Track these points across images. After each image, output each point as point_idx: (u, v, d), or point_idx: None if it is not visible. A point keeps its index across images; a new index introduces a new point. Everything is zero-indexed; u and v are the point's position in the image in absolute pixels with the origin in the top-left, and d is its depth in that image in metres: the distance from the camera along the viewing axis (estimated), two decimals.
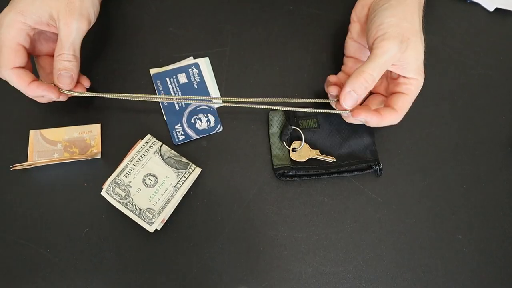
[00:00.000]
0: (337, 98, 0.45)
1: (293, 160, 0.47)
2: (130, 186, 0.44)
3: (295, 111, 0.49)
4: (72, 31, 0.43)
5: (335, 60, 0.53)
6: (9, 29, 0.41)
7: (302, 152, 0.48)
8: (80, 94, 0.46)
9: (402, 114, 0.45)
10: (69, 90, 0.45)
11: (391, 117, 0.44)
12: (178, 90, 0.51)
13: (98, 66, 0.52)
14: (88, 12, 0.44)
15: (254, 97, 0.48)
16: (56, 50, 0.43)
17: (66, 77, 0.44)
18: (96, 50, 0.52)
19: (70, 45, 0.43)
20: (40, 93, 0.43)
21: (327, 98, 0.47)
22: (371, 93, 0.48)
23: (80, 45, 0.44)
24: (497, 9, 0.58)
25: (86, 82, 0.47)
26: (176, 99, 0.49)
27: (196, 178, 0.46)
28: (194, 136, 0.49)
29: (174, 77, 0.51)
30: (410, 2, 0.44)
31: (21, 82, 0.42)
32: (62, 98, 0.46)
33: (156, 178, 0.45)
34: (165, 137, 0.48)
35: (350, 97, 0.43)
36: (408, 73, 0.44)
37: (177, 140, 0.48)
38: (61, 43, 0.43)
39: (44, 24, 0.43)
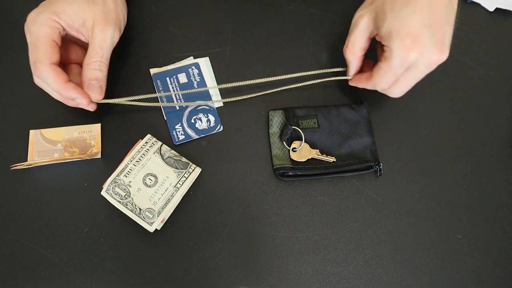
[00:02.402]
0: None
1: (293, 160, 0.47)
2: (130, 186, 0.44)
3: (295, 110, 0.49)
4: (106, 39, 0.42)
5: (335, 60, 0.53)
6: (43, 26, 0.41)
7: (302, 152, 0.48)
8: (109, 101, 0.45)
9: (374, 82, 0.44)
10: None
11: (363, 82, 0.46)
12: (178, 90, 0.51)
13: None
14: (121, 24, 0.44)
15: (254, 96, 0.48)
16: (86, 57, 0.43)
17: (96, 87, 0.43)
18: None
19: (102, 52, 0.43)
20: (74, 95, 0.42)
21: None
22: None
23: (109, 56, 0.44)
24: (497, 9, 0.58)
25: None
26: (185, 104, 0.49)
27: (196, 178, 0.47)
28: (194, 136, 0.49)
29: (174, 77, 0.51)
30: None
31: (58, 80, 0.41)
32: (91, 108, 0.45)
33: (156, 178, 0.45)
34: (165, 137, 0.48)
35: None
36: (381, 37, 0.42)
37: (177, 140, 0.48)
38: (94, 49, 0.42)
39: (75, 29, 0.42)
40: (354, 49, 0.45)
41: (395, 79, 0.43)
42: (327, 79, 0.50)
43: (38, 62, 0.40)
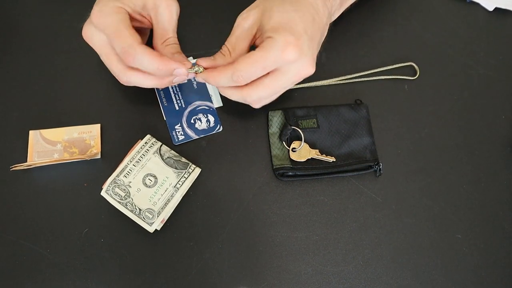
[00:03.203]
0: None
1: (293, 160, 0.47)
2: (130, 186, 0.44)
3: (295, 110, 0.49)
4: (173, 14, 0.42)
5: (335, 59, 0.53)
6: (115, 15, 0.39)
7: (301, 152, 0.48)
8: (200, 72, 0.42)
9: (235, 69, 0.38)
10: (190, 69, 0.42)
11: (217, 73, 0.40)
12: (178, 90, 0.51)
13: (99, 65, 0.52)
14: None
15: None
16: (157, 37, 0.42)
17: (182, 57, 0.42)
18: None
19: (172, 28, 0.42)
20: (174, 66, 0.39)
21: None
22: None
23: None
24: (496, 9, 0.58)
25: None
26: None
27: (196, 178, 0.47)
28: (194, 136, 0.49)
29: None
30: None
31: (155, 56, 0.39)
32: (189, 76, 0.42)
33: (156, 178, 0.45)
34: (165, 137, 0.48)
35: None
36: (265, 31, 0.39)
37: (177, 140, 0.48)
38: (164, 28, 0.41)
39: (138, 13, 0.41)
40: (235, 53, 0.41)
41: (259, 76, 0.39)
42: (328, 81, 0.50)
43: (128, 48, 0.38)
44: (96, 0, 0.42)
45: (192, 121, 0.49)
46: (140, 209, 0.43)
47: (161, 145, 0.46)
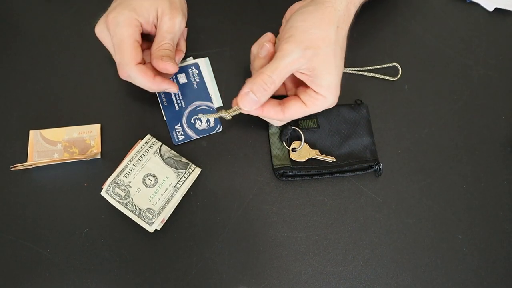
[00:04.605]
0: None
1: (293, 160, 0.47)
2: (130, 186, 0.44)
3: None
4: (175, 25, 0.43)
5: None
6: (127, 27, 0.41)
7: (302, 152, 0.48)
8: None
9: (287, 120, 0.44)
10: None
11: (274, 115, 0.43)
12: (178, 90, 0.50)
13: (99, 65, 0.52)
14: (185, 12, 0.45)
15: None
16: (155, 43, 0.44)
17: (169, 60, 0.43)
18: (97, 50, 0.52)
19: (171, 37, 0.44)
20: (165, 87, 0.44)
21: None
22: None
23: (176, 41, 0.45)
24: (496, 9, 0.58)
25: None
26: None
27: (196, 178, 0.47)
28: (194, 136, 0.49)
29: (174, 77, 0.51)
30: (329, 12, 0.41)
31: (146, 77, 0.42)
32: (176, 89, 0.46)
33: (156, 178, 0.45)
34: (165, 137, 0.48)
35: (247, 98, 0.41)
36: (318, 87, 0.41)
37: (177, 140, 0.48)
38: (162, 35, 0.43)
39: (150, 24, 0.43)
40: (272, 85, 0.41)
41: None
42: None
43: (124, 65, 0.42)
44: (115, 2, 0.43)
45: (192, 121, 0.49)
46: (140, 209, 0.43)
47: (161, 145, 0.46)
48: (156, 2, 0.43)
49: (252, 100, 0.41)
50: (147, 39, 0.46)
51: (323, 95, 0.42)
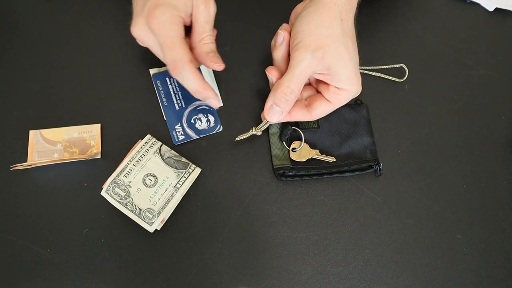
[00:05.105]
0: None
1: (293, 160, 0.47)
2: (130, 186, 0.44)
3: None
4: (211, 13, 0.43)
5: None
6: (172, 25, 0.41)
7: (302, 152, 0.48)
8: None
9: (315, 118, 0.46)
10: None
11: (302, 117, 0.45)
12: (178, 90, 0.51)
13: (99, 65, 0.52)
14: None
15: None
16: (195, 34, 0.43)
17: (216, 58, 0.43)
18: (97, 50, 0.52)
19: (210, 26, 0.43)
20: (210, 96, 0.43)
21: None
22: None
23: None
24: (497, 9, 0.58)
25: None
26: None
27: (196, 178, 0.47)
28: (194, 136, 0.49)
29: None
30: (329, 8, 0.41)
31: (198, 78, 0.42)
32: (217, 105, 0.45)
33: (156, 178, 0.45)
34: (165, 137, 0.48)
35: (272, 111, 0.43)
36: (338, 83, 0.42)
37: (177, 140, 0.48)
38: (202, 25, 0.43)
39: (188, 16, 0.42)
40: (292, 94, 0.42)
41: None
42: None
43: (179, 61, 0.41)
44: (149, 3, 0.41)
45: (192, 121, 0.49)
46: (140, 209, 0.43)
47: (161, 145, 0.46)
48: None
49: (277, 112, 0.43)
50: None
51: (345, 89, 0.43)
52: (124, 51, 0.52)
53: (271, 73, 0.45)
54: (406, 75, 0.52)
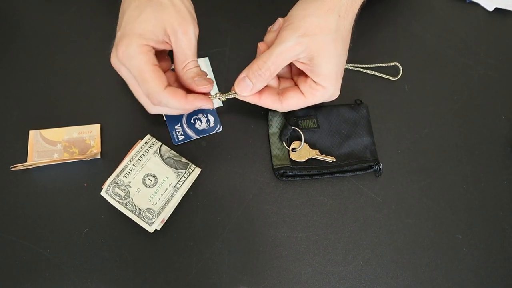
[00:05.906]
0: None
1: (293, 160, 0.47)
2: (130, 186, 0.44)
3: (295, 111, 0.49)
4: (191, 38, 0.41)
5: None
6: (140, 56, 0.39)
7: (301, 152, 0.48)
8: (229, 96, 0.44)
9: (285, 109, 0.44)
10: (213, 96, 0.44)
11: (272, 104, 0.44)
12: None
13: (99, 65, 0.52)
14: (194, 15, 0.42)
15: None
16: (177, 62, 0.42)
17: (202, 80, 0.42)
18: (97, 50, 0.52)
19: (193, 53, 0.42)
20: (199, 105, 0.42)
21: None
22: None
23: (196, 50, 0.43)
24: (496, 9, 0.58)
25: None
26: None
27: (196, 178, 0.47)
28: (194, 136, 0.49)
29: None
30: (330, 1, 0.40)
31: (179, 98, 0.40)
32: (212, 106, 0.44)
33: (156, 178, 0.45)
34: (165, 137, 0.48)
35: (243, 84, 0.42)
36: (317, 77, 0.41)
37: (177, 140, 0.48)
38: (184, 53, 0.41)
39: (161, 42, 0.41)
40: (268, 72, 0.41)
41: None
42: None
43: (153, 93, 0.40)
44: (118, 31, 0.41)
45: (192, 121, 0.49)
46: (140, 209, 0.43)
47: (161, 145, 0.46)
48: (161, 20, 0.40)
49: (248, 85, 0.42)
50: (161, 55, 0.44)
51: (322, 85, 0.41)
52: None
53: (260, 47, 0.44)
54: (400, 73, 0.52)
